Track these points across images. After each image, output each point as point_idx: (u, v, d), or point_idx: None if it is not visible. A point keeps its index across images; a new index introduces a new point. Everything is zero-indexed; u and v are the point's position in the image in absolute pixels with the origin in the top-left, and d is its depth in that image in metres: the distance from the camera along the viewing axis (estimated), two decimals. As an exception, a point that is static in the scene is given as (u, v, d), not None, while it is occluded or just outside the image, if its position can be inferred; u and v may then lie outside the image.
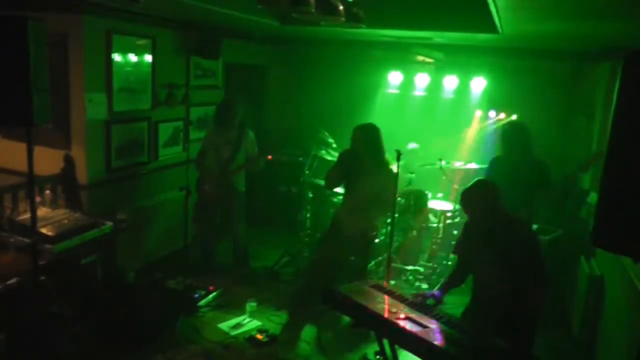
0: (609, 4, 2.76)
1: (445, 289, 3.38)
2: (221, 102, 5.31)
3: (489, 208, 3.03)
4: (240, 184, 5.31)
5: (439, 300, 3.25)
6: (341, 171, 4.46)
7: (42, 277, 3.42)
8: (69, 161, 4.42)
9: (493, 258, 3.02)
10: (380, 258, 5.42)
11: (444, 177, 5.61)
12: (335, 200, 5.40)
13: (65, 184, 4.38)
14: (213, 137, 5.24)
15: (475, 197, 3.07)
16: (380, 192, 4.28)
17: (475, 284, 3.31)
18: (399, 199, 5.18)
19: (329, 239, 4.75)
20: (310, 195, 5.76)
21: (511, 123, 5.05)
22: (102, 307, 3.97)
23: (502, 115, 6.14)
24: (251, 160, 5.31)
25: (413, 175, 5.60)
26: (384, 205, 4.36)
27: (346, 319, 4.46)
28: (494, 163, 4.69)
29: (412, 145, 6.07)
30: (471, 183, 3.19)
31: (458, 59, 6.31)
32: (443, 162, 5.53)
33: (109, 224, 4.22)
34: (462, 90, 6.42)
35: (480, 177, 3.47)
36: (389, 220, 4.44)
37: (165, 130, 5.37)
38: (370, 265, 5.35)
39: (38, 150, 3.35)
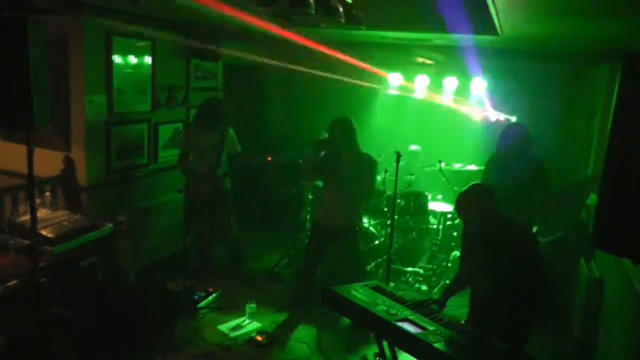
0: (608, 4, 2.76)
1: (447, 294, 3.36)
2: (206, 103, 5.05)
3: (483, 211, 3.00)
4: (227, 184, 5.24)
5: (442, 305, 3.24)
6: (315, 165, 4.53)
7: (42, 279, 3.41)
8: (69, 163, 4.42)
9: (486, 264, 3.00)
10: (380, 260, 5.42)
11: (443, 179, 5.61)
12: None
13: (65, 186, 4.38)
14: (196, 140, 5.02)
15: (470, 200, 3.05)
16: (361, 182, 4.39)
17: (471, 291, 3.31)
18: (398, 200, 5.18)
19: (313, 241, 4.84)
20: (310, 196, 5.76)
21: (510, 124, 5.05)
22: (102, 309, 3.96)
23: (502, 117, 6.15)
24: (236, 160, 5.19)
25: (413, 177, 5.60)
26: (365, 195, 4.52)
27: (346, 320, 4.46)
28: (493, 161, 4.71)
29: (413, 147, 6.08)
30: (466, 187, 3.19)
31: (458, 60, 6.31)
32: (443, 164, 5.53)
33: (109, 225, 4.22)
34: (462, 91, 6.42)
35: (476, 182, 3.46)
36: (388, 222, 4.46)
37: (165, 132, 5.37)
38: (370, 267, 5.35)
39: (38, 151, 3.36)
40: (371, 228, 5.57)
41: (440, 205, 5.83)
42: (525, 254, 2.96)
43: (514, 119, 5.94)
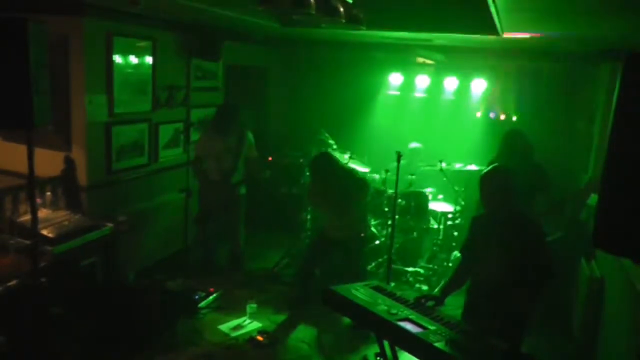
0: (608, 4, 2.76)
1: (447, 291, 3.37)
2: (221, 107, 5.05)
3: (506, 190, 3.06)
4: (242, 188, 5.27)
5: (440, 302, 3.24)
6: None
7: (42, 279, 3.41)
8: (69, 163, 4.42)
9: (501, 250, 3.03)
10: (380, 260, 5.42)
11: (444, 179, 5.61)
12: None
13: (65, 186, 4.37)
14: (211, 144, 5.03)
15: (497, 177, 3.10)
16: (358, 198, 4.73)
17: (474, 281, 3.30)
18: (399, 200, 5.18)
19: (316, 247, 4.95)
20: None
21: (511, 130, 5.06)
22: (102, 309, 3.96)
23: (503, 117, 6.15)
24: (252, 166, 5.20)
25: (413, 177, 5.60)
26: (364, 205, 4.95)
27: (346, 320, 4.46)
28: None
29: (414, 145, 6.08)
30: (491, 167, 3.23)
31: (458, 60, 6.31)
32: (443, 164, 5.53)
33: (109, 225, 4.23)
34: (463, 91, 6.42)
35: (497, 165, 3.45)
36: (389, 222, 4.48)
37: (165, 132, 5.37)
38: (370, 266, 5.35)
39: (38, 151, 3.36)
40: (372, 228, 5.57)
41: (441, 205, 5.83)
42: (538, 240, 3.06)
43: (514, 118, 5.94)
